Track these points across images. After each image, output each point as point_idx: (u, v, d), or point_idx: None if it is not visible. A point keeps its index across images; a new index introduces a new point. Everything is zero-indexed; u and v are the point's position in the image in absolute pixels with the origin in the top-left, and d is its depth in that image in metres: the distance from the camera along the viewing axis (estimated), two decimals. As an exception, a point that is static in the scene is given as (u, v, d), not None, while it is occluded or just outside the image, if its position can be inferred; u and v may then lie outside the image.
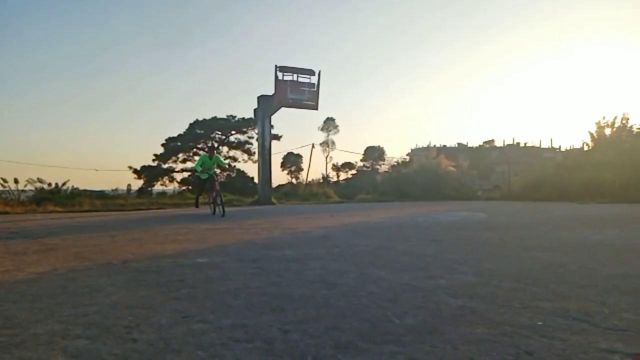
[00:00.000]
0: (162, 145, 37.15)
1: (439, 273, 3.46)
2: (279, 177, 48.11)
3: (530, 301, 2.61)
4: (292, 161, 47.33)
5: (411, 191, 21.17)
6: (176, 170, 37.49)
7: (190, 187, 31.49)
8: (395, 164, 31.99)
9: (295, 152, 45.51)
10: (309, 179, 25.53)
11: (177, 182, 36.93)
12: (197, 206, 11.91)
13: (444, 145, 55.51)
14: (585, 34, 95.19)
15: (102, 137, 65.01)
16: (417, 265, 3.81)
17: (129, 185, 21.61)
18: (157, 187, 35.52)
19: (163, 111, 72.61)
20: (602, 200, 16.10)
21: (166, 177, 37.15)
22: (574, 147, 36.31)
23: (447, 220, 9.05)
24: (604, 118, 26.07)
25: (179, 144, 36.94)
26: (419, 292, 2.84)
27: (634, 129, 33.75)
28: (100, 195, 18.22)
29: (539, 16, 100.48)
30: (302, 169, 46.57)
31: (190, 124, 37.00)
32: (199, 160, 11.05)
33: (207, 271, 3.60)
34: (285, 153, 46.25)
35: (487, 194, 25.18)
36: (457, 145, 59.83)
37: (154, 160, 37.01)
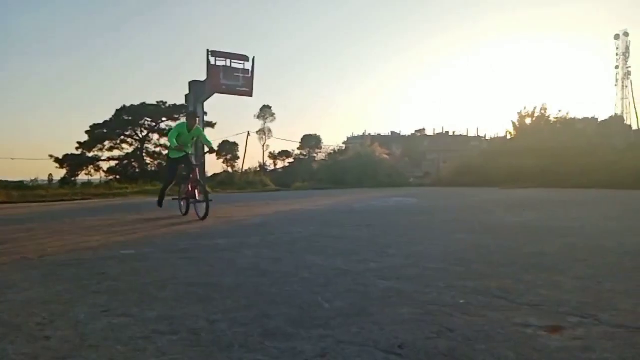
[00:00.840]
0: (87, 132, 35.15)
1: (370, 257, 3.52)
2: (214, 165, 47.12)
3: (454, 281, 2.72)
4: (227, 149, 46.45)
5: (347, 178, 21.50)
6: (102, 159, 35.62)
7: (118, 177, 30.03)
8: (331, 152, 32.33)
9: (231, 140, 44.71)
10: (246, 168, 25.18)
11: (104, 171, 35.15)
12: (161, 204, 7.66)
13: (379, 134, 56.72)
14: (508, 32, 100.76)
15: (19, 124, 60.31)
16: (350, 250, 3.86)
17: (50, 175, 20.26)
18: (82, 177, 33.60)
19: (87, 97, 68.53)
20: (523, 185, 17.18)
21: (91, 167, 35.23)
22: (498, 135, 38.53)
23: (380, 206, 9.27)
24: (525, 108, 27.82)
25: (105, 131, 35.11)
26: (349, 276, 2.88)
27: (551, 118, 36.26)
28: (18, 186, 16.93)
29: (468, 15, 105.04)
30: (238, 158, 45.88)
31: (117, 110, 35.24)
32: (173, 130, 7.36)
33: (133, 263, 3.43)
34: (220, 141, 45.28)
35: (419, 180, 26.10)
36: (391, 134, 61.34)
37: (77, 148, 34.94)
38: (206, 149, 7.81)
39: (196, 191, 7.09)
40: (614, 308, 2.16)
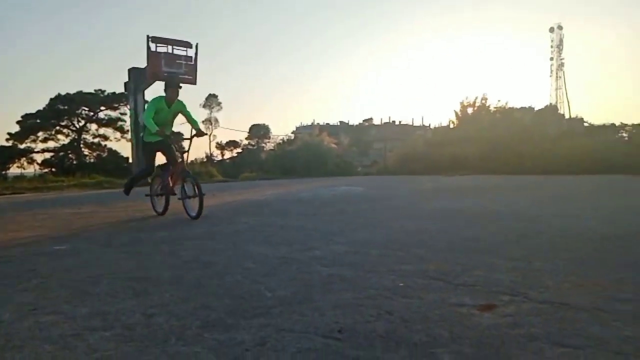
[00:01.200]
0: (18, 123, 33.01)
1: (315, 245, 3.54)
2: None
3: (395, 265, 2.78)
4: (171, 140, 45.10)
5: (296, 168, 21.48)
6: (36, 150, 33.63)
7: (53, 170, 28.46)
8: (280, 141, 32.21)
9: (175, 130, 43.38)
10: (191, 159, 24.56)
11: (38, 164, 33.23)
12: (128, 192, 6.30)
13: (327, 124, 56.98)
14: (452, 25, 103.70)
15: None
16: (295, 239, 3.86)
17: (-24, 168, 18.85)
18: (14, 170, 31.61)
19: (18, 86, 64.23)
20: (465, 172, 17.86)
21: (24, 159, 33.20)
22: (442, 125, 39.75)
23: (327, 194, 9.33)
24: (466, 98, 28.79)
25: (38, 121, 33.14)
26: (294, 265, 2.87)
27: (491, 108, 37.76)
28: (-61, 180, 15.65)
29: (414, 8, 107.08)
30: (183, 149, 44.65)
31: (51, 99, 33.31)
32: (149, 108, 5.73)
33: (66, 259, 3.26)
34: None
35: (366, 169, 26.52)
36: (339, 124, 61.81)
37: (8, 139, 32.79)
38: (193, 132, 5.87)
39: (185, 185, 5.63)
40: (541, 285, 2.28)
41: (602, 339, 1.61)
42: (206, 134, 5.26)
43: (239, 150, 50.11)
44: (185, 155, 5.92)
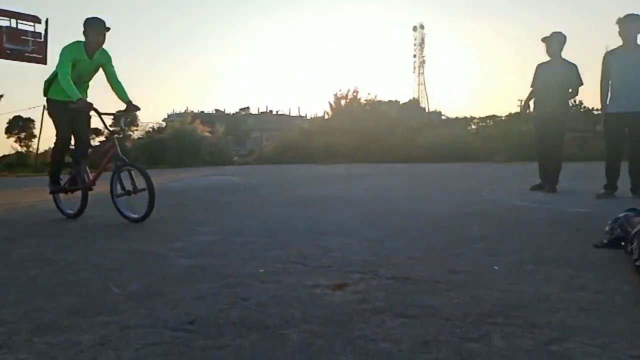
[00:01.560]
0: None
1: (177, 236, 3.39)
2: (3, 145, 40.09)
3: (258, 252, 2.78)
4: (20, 126, 39.93)
5: (167, 157, 20.47)
6: None
7: None
8: (150, 129, 30.30)
9: (25, 115, 38.43)
10: (45, 148, 21.98)
11: None
12: (57, 183, 4.59)
13: (202, 112, 55.20)
14: (328, 21, 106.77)
15: None
16: (154, 231, 3.66)
17: None
18: None
19: None
20: (338, 161, 18.65)
21: None
22: (318, 115, 40.95)
23: (199, 184, 9.04)
24: (340, 90, 29.91)
25: None
26: (149, 258, 2.71)
27: (362, 100, 39.68)
28: None
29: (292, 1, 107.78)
30: (34, 136, 39.80)
31: None
32: (66, 54, 4.11)
33: None
34: (10, 117, 38.65)
35: (243, 158, 26.27)
36: (215, 112, 60.26)
37: None
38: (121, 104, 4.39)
39: (121, 177, 4.17)
40: (390, 263, 2.45)
41: (435, 308, 1.77)
42: (138, 109, 4.13)
43: (102, 138, 46.17)
44: (113, 139, 4.27)
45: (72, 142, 4.52)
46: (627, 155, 4.99)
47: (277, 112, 61.63)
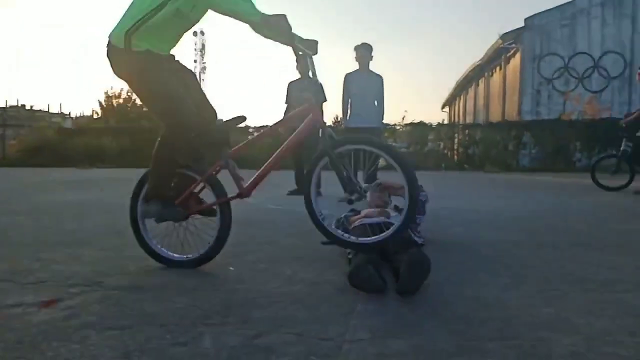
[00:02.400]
0: None
1: None
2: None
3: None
4: None
5: None
6: None
7: None
8: None
9: None
10: None
11: None
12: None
13: None
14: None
15: None
16: None
17: None
18: None
19: None
20: (104, 165, 16.94)
21: None
22: (85, 114, 36.75)
23: None
24: (112, 88, 27.40)
25: None
26: None
27: (138, 102, 37.19)
28: None
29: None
30: None
31: None
32: None
33: None
34: None
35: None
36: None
37: None
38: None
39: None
40: (123, 272, 2.28)
41: (154, 315, 1.69)
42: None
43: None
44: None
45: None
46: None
47: (31, 106, 52.81)
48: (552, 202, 5.70)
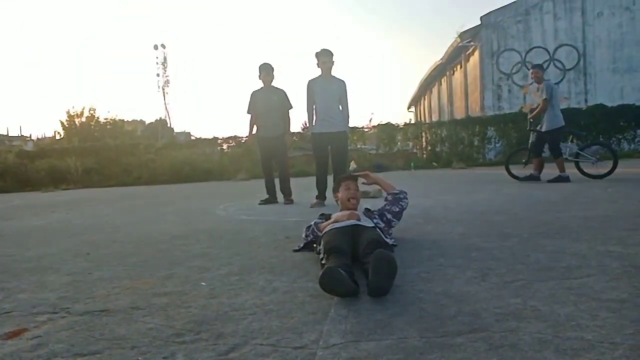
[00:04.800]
0: None
1: None
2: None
3: None
4: None
5: None
6: None
7: None
8: None
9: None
10: None
11: None
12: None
13: None
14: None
15: None
16: None
17: None
18: None
19: None
20: (67, 187, 16.48)
21: None
22: (46, 136, 35.66)
23: None
24: (73, 108, 26.76)
25: None
26: None
27: (101, 119, 36.45)
28: None
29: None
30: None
31: None
32: None
33: None
34: None
35: None
36: None
37: None
38: None
39: None
40: (90, 296, 2.22)
41: (124, 337, 1.65)
42: None
43: None
44: None
45: None
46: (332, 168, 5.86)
47: (-11, 131, 50.91)
48: (517, 194, 5.86)
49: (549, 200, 5.02)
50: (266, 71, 6.24)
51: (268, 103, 6.22)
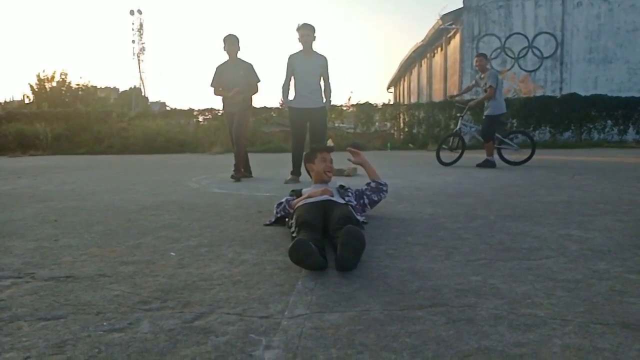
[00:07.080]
0: None
1: None
2: None
3: None
4: None
5: None
6: None
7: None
8: None
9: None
10: None
11: None
12: None
13: None
14: None
15: None
16: None
17: None
18: None
19: None
20: (36, 153, 16.02)
21: None
22: (14, 99, 34.34)
23: None
24: (44, 71, 25.78)
25: None
26: None
27: (73, 85, 35.29)
28: None
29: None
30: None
31: None
32: None
33: None
34: None
35: None
36: None
37: None
38: None
39: None
40: (57, 262, 2.19)
41: (90, 303, 1.65)
42: None
43: None
44: None
45: None
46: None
47: (-48, 91, 48.74)
48: (487, 178, 5.99)
49: (517, 184, 5.15)
50: (230, 41, 6.09)
51: (234, 77, 6.13)
